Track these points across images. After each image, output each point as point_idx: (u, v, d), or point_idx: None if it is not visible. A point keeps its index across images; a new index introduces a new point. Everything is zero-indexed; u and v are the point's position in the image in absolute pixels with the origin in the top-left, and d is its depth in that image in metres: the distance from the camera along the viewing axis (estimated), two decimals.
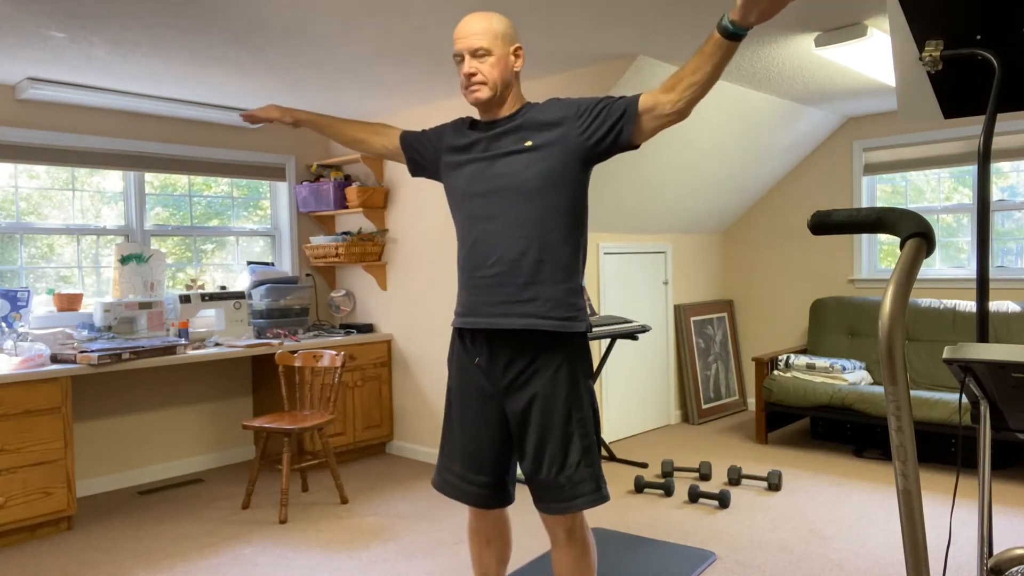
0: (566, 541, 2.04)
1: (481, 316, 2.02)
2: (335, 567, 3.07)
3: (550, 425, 1.98)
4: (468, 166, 2.06)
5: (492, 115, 2.05)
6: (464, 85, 2.01)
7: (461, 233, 2.08)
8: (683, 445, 4.86)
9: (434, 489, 2.19)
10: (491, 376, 2.04)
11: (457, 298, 2.12)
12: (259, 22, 2.94)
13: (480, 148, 2.05)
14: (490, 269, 1.99)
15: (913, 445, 1.19)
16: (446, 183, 2.14)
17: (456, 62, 2.02)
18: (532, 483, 2.02)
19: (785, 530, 3.34)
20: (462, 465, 2.10)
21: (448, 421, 2.15)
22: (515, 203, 1.97)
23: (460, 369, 2.11)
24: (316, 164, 5.06)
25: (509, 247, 1.97)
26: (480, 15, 2.00)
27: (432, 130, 2.22)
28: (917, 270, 1.21)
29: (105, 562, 3.18)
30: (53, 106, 4.01)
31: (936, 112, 1.80)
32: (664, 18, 3.07)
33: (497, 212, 1.99)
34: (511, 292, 1.98)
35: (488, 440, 2.07)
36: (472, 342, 2.07)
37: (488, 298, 2.00)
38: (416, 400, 4.71)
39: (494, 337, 2.02)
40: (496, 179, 2.00)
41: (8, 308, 3.73)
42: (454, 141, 2.11)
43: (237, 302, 4.47)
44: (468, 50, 1.98)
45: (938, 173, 5.06)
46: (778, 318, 5.79)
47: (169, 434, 4.46)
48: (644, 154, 4.36)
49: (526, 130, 2.01)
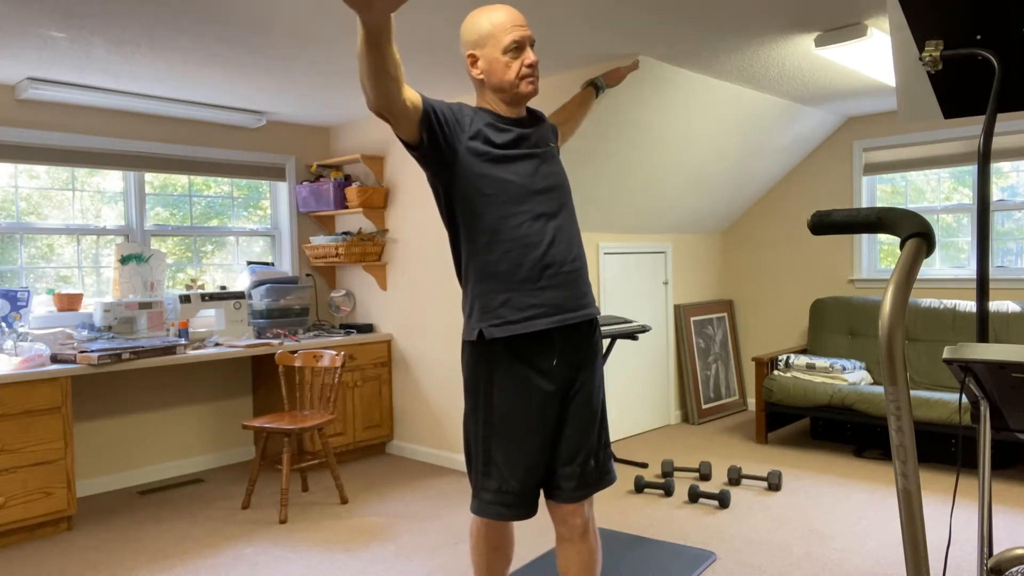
0: (582, 535, 2.03)
1: (571, 311, 1.97)
2: (335, 567, 3.07)
3: (595, 411, 2.06)
4: (523, 162, 1.96)
5: (519, 112, 2.04)
6: (523, 75, 1.94)
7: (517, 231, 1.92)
8: (683, 445, 4.86)
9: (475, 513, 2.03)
10: (556, 374, 1.96)
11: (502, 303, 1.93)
12: (259, 22, 2.94)
13: (529, 143, 2.00)
14: (574, 264, 2.01)
15: (913, 445, 1.19)
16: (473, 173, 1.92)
17: (509, 50, 1.93)
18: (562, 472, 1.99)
19: (785, 530, 3.34)
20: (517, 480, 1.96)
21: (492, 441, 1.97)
22: (568, 200, 2.07)
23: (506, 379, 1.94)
24: (316, 164, 5.06)
25: (573, 242, 2.03)
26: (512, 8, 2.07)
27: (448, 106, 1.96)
28: (917, 270, 1.21)
29: (105, 562, 3.18)
30: (53, 106, 4.01)
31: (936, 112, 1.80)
32: (664, 19, 3.07)
33: (559, 209, 2.02)
34: (581, 286, 2.04)
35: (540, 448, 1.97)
36: (542, 344, 1.94)
37: (571, 292, 1.99)
38: (416, 400, 4.71)
39: (565, 332, 1.99)
40: (552, 176, 2.04)
41: (8, 308, 3.73)
42: (488, 132, 1.95)
43: (237, 302, 4.47)
44: (530, 40, 1.97)
45: (938, 173, 5.05)
46: (778, 318, 5.79)
47: (169, 434, 4.46)
48: (644, 154, 4.36)
49: (550, 132, 2.13)
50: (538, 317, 1.91)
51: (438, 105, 1.91)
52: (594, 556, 2.06)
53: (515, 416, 1.94)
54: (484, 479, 1.99)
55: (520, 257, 1.92)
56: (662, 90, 3.93)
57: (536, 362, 1.94)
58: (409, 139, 1.90)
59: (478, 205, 1.93)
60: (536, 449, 1.96)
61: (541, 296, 1.92)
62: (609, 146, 4.11)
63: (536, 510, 2.03)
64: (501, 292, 1.92)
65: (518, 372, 1.93)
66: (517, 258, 1.91)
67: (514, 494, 1.96)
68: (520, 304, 1.91)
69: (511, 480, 1.96)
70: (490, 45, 1.94)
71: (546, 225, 1.95)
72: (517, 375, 1.93)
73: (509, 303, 1.92)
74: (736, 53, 3.60)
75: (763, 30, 3.27)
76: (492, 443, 1.97)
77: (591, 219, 4.63)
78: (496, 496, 1.98)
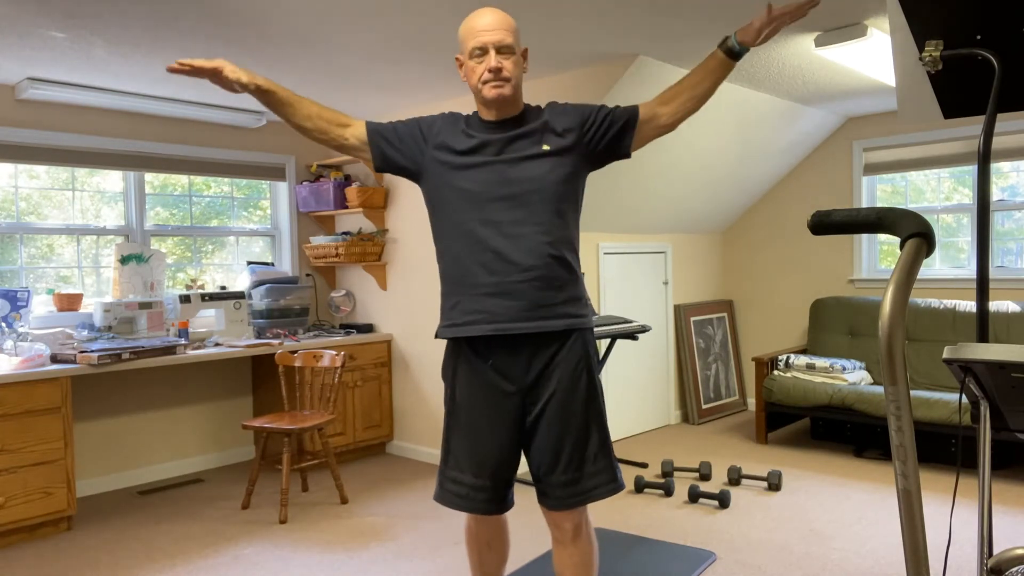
0: (573, 538, 2.03)
1: (516, 321, 1.96)
2: (335, 567, 3.07)
3: (571, 419, 1.99)
4: (480, 169, 1.98)
5: (503, 115, 2.02)
6: (485, 80, 1.95)
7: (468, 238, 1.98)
8: (683, 445, 4.86)
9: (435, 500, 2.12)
10: (510, 374, 2.00)
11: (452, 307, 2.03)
12: (259, 22, 2.95)
13: (492, 150, 1.99)
14: (527, 273, 1.95)
15: (913, 445, 1.19)
16: (438, 183, 2.03)
17: (474, 55, 1.96)
18: (547, 480, 2.00)
19: (785, 530, 3.34)
20: (470, 473, 2.03)
21: (452, 431, 2.08)
22: (541, 207, 1.98)
23: (467, 375, 2.04)
24: (316, 164, 5.06)
25: (536, 251, 1.96)
26: (499, 11, 1.98)
27: (410, 122, 2.08)
28: (917, 270, 1.21)
29: (105, 562, 3.18)
30: (53, 106, 4.01)
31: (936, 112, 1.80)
32: (664, 19, 3.07)
33: (525, 216, 1.97)
34: (550, 294, 1.97)
35: (497, 445, 2.02)
36: (486, 345, 2.01)
37: (522, 301, 1.95)
38: (416, 400, 4.71)
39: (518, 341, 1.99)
40: (520, 183, 1.97)
41: (8, 308, 3.73)
42: (452, 140, 2.01)
43: (237, 302, 4.47)
44: (495, 44, 1.94)
45: (938, 173, 5.05)
46: (778, 318, 5.79)
47: (169, 434, 4.47)
48: (644, 154, 4.36)
49: (540, 134, 2.01)
50: (478, 323, 1.97)
51: (385, 128, 2.07)
52: (587, 558, 2.06)
53: (471, 410, 2.03)
54: (443, 467, 2.10)
55: (467, 263, 1.98)
56: (662, 90, 3.93)
57: (497, 363, 2.00)
58: (375, 165, 2.09)
59: (439, 212, 2.04)
60: (490, 446, 2.01)
61: (484, 303, 1.97)
62: None
63: (500, 509, 2.07)
64: (453, 296, 2.03)
65: (477, 368, 2.02)
66: (465, 264, 1.99)
67: (468, 486, 2.04)
68: (466, 308, 1.99)
69: (466, 472, 2.04)
70: (464, 50, 2.00)
71: (498, 233, 1.96)
72: (476, 371, 2.02)
73: (458, 307, 2.01)
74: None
75: None
76: (452, 433, 2.08)
77: (591, 219, 4.63)
78: (453, 486, 2.06)
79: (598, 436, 2.02)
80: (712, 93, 2.03)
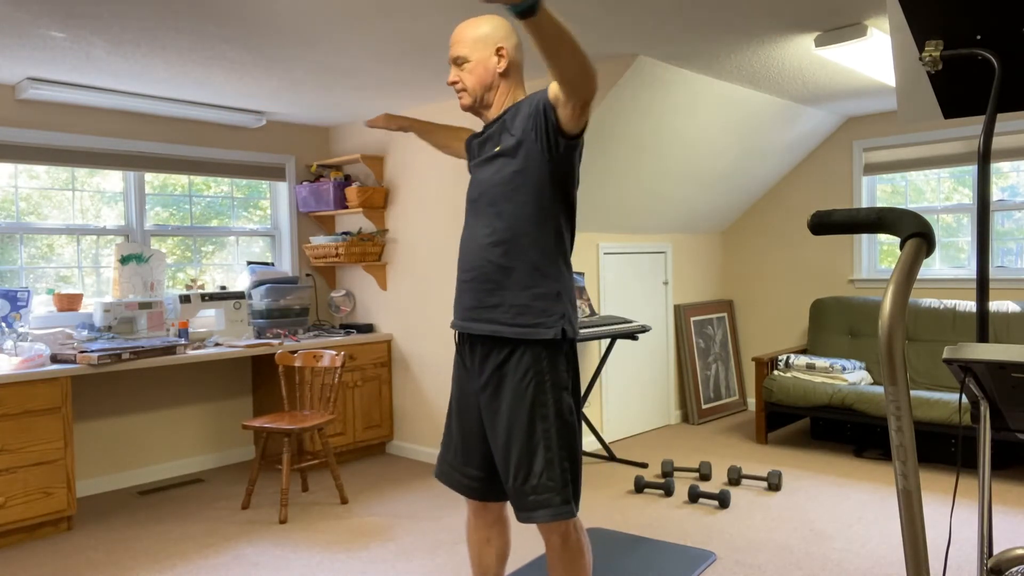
0: (560, 546, 2.03)
1: (458, 319, 2.09)
2: (335, 567, 3.07)
3: (515, 432, 1.95)
4: (471, 172, 2.13)
5: (485, 119, 2.09)
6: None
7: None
8: (683, 445, 4.86)
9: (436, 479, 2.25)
10: (471, 376, 2.10)
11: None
12: (259, 22, 2.95)
13: (474, 154, 2.13)
14: (467, 274, 2.03)
15: (913, 445, 1.19)
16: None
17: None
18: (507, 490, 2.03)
19: (785, 530, 3.34)
20: (456, 457, 2.14)
21: (449, 415, 2.20)
22: (485, 209, 2.00)
23: (456, 365, 2.17)
24: (316, 164, 5.06)
25: (478, 253, 2.00)
26: (469, 21, 2.03)
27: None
28: (917, 270, 1.21)
29: (105, 562, 3.18)
30: (53, 106, 4.01)
31: (936, 112, 1.80)
32: (664, 18, 3.07)
33: (474, 219, 2.04)
34: (480, 297, 2.00)
35: (477, 437, 2.10)
36: (461, 341, 2.14)
37: (464, 302, 2.05)
38: (416, 400, 4.71)
39: (474, 339, 2.07)
40: (477, 185, 2.05)
41: (8, 308, 3.73)
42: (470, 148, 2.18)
43: (237, 302, 4.47)
44: (451, 58, 2.05)
45: (938, 173, 5.05)
46: (778, 318, 5.79)
47: (169, 434, 4.47)
48: (644, 154, 4.36)
49: (498, 135, 2.01)
50: (454, 318, 2.13)
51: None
52: (576, 562, 2.05)
53: (453, 392, 2.17)
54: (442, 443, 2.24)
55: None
56: (662, 90, 3.93)
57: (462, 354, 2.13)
58: None
59: None
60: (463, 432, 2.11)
61: (457, 300, 2.11)
62: (609, 146, 4.11)
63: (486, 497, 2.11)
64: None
65: (456, 358, 2.16)
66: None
67: (449, 464, 2.16)
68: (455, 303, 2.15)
69: (450, 452, 2.16)
70: None
71: (466, 235, 2.07)
72: (456, 360, 2.17)
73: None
74: (736, 53, 3.60)
75: (763, 30, 3.27)
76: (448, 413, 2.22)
77: (591, 219, 4.63)
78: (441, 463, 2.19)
79: (544, 457, 1.92)
80: (557, 51, 1.67)
